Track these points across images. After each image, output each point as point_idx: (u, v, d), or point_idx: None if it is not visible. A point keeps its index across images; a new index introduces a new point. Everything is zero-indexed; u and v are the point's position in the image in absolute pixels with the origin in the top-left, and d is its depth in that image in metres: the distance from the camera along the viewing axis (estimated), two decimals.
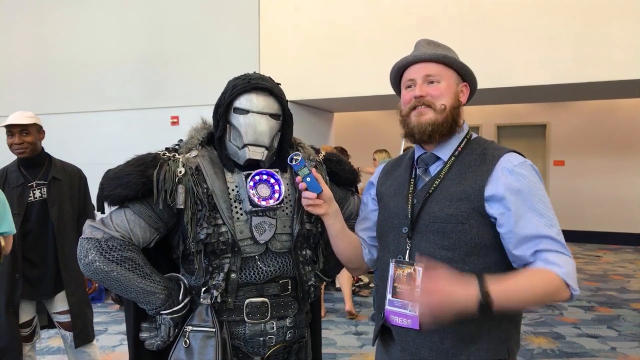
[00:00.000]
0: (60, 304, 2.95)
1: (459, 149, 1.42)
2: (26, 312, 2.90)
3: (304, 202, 1.47)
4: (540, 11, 5.71)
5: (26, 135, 2.85)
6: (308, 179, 1.44)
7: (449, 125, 1.40)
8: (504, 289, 1.21)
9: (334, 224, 1.51)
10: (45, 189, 2.89)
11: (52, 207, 2.87)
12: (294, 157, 1.46)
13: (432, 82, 1.41)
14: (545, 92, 6.75)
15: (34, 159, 2.91)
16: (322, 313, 4.97)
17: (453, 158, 1.41)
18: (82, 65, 7.68)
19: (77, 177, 3.01)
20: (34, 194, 2.87)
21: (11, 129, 2.85)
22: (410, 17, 6.21)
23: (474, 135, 1.48)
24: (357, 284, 5.81)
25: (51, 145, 3.29)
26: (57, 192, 2.90)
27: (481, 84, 5.83)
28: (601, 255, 8.30)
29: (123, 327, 4.68)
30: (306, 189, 1.45)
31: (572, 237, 9.45)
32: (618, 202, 8.99)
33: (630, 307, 5.31)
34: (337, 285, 5.60)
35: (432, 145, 1.44)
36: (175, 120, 7.18)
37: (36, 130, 2.89)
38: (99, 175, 3.00)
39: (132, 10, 7.44)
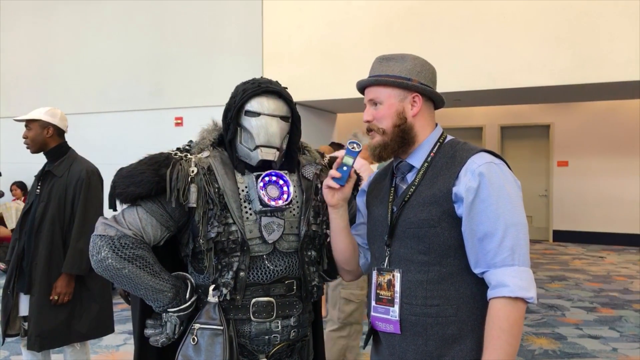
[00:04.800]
0: (24, 307, 2.86)
1: (432, 154, 1.44)
2: (24, 307, 2.87)
3: (327, 181, 1.49)
4: (543, 13, 5.73)
5: (28, 131, 2.89)
6: (345, 168, 1.46)
7: (397, 143, 1.43)
8: None
9: (339, 220, 1.54)
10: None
11: (40, 202, 2.83)
12: (355, 144, 1.48)
13: (376, 104, 1.46)
14: (548, 93, 6.77)
15: (48, 154, 2.92)
16: (325, 313, 4.98)
17: (426, 164, 1.43)
18: (87, 66, 7.74)
19: (75, 178, 2.84)
20: (38, 187, 2.91)
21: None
22: (413, 19, 6.23)
23: (448, 138, 1.49)
24: None
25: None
26: (49, 188, 2.84)
27: (484, 85, 5.85)
28: (605, 256, 8.30)
29: (127, 326, 4.72)
30: (334, 172, 1.47)
31: (576, 237, 9.45)
32: (622, 203, 8.99)
33: (633, 308, 5.32)
34: None
35: (405, 154, 1.46)
36: (179, 121, 7.22)
37: (39, 126, 2.86)
38: (103, 175, 3.03)
39: (136, 12, 7.49)
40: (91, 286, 2.89)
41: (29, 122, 2.88)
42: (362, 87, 1.51)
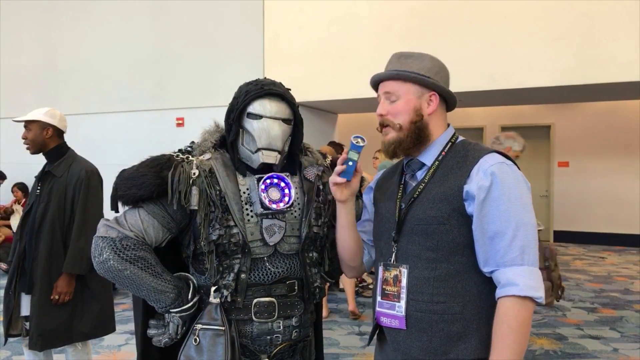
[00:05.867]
0: (26, 307, 2.87)
1: (443, 153, 1.45)
2: (25, 307, 2.88)
3: (333, 177, 1.49)
4: (544, 13, 5.73)
5: (27, 132, 2.89)
6: (350, 163, 1.47)
7: (412, 140, 1.44)
8: None
9: (347, 215, 1.55)
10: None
11: (40, 203, 2.84)
12: (360, 139, 1.48)
13: (393, 99, 1.46)
14: (549, 93, 6.77)
15: (48, 154, 2.94)
16: (326, 313, 5.00)
17: (437, 162, 1.44)
18: (88, 66, 7.75)
19: (74, 178, 2.85)
20: (38, 188, 2.92)
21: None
22: (414, 19, 6.24)
23: (460, 139, 1.50)
24: (360, 285, 5.83)
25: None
26: (49, 188, 2.85)
27: (485, 85, 5.84)
28: (605, 256, 8.29)
29: (128, 326, 4.72)
30: (341, 168, 1.48)
31: (577, 238, 9.44)
32: (622, 203, 8.98)
33: (634, 309, 5.31)
34: (341, 286, 5.63)
35: (417, 152, 1.48)
36: (180, 121, 7.22)
37: (39, 127, 2.87)
38: (105, 175, 3.03)
39: (138, 12, 7.50)
40: (92, 285, 2.90)
41: (28, 123, 2.89)
42: (379, 80, 1.50)
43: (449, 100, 1.50)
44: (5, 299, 2.91)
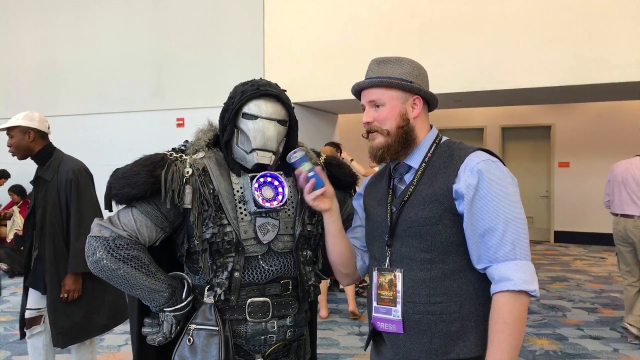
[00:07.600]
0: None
1: (429, 154, 1.47)
2: (32, 301, 2.99)
3: (309, 196, 1.50)
4: (543, 14, 5.73)
5: (10, 139, 2.91)
6: (311, 174, 1.48)
7: (400, 144, 1.46)
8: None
9: (335, 222, 1.55)
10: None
11: (38, 208, 2.88)
12: (293, 155, 1.51)
13: (378, 106, 1.47)
14: (549, 94, 6.76)
15: (35, 158, 2.95)
16: (326, 314, 5.00)
17: (424, 164, 1.45)
18: (88, 67, 7.76)
19: (63, 180, 2.86)
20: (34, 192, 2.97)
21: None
22: (414, 20, 6.23)
23: (444, 139, 1.52)
24: (360, 285, 5.83)
25: (57, 147, 3.28)
26: (43, 193, 2.88)
27: (485, 86, 5.81)
28: (606, 257, 8.28)
29: (128, 326, 4.72)
30: (310, 184, 1.49)
31: (577, 238, 9.43)
32: None
33: None
34: (341, 287, 5.63)
35: (404, 155, 1.49)
36: (180, 122, 7.23)
37: (19, 132, 2.87)
38: (105, 176, 3.02)
39: (137, 13, 7.51)
40: (101, 279, 2.95)
41: (9, 130, 2.90)
42: (361, 88, 1.52)
43: (430, 102, 1.52)
44: (23, 297, 3.02)
